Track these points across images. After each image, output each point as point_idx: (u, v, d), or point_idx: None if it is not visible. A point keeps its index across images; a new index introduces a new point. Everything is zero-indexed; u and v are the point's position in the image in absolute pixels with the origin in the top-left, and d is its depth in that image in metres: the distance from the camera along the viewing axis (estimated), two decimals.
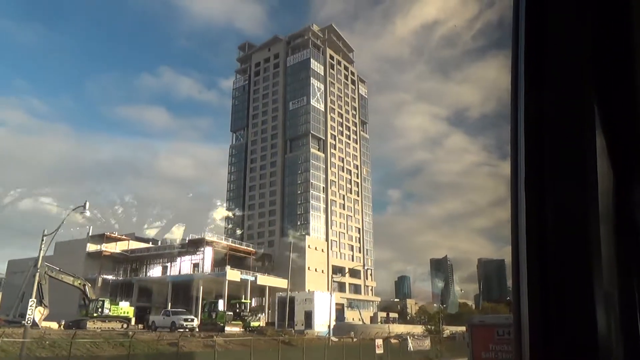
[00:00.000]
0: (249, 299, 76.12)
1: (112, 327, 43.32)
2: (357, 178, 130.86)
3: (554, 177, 1.25)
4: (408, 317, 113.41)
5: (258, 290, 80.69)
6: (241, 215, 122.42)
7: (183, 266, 78.44)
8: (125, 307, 47.16)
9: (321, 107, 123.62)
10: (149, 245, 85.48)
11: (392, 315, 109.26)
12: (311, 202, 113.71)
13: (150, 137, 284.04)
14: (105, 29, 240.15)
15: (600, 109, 1.31)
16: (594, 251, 1.19)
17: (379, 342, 40.19)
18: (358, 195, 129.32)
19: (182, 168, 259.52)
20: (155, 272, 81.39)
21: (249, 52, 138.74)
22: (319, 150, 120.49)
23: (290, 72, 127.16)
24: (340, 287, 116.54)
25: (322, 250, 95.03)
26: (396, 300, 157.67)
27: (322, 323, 60.71)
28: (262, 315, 52.69)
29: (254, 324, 44.82)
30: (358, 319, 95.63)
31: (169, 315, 41.68)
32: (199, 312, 56.67)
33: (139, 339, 28.05)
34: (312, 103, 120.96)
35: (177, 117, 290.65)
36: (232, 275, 73.00)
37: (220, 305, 45.56)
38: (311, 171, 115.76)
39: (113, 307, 46.00)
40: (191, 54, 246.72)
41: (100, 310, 44.41)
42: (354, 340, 48.39)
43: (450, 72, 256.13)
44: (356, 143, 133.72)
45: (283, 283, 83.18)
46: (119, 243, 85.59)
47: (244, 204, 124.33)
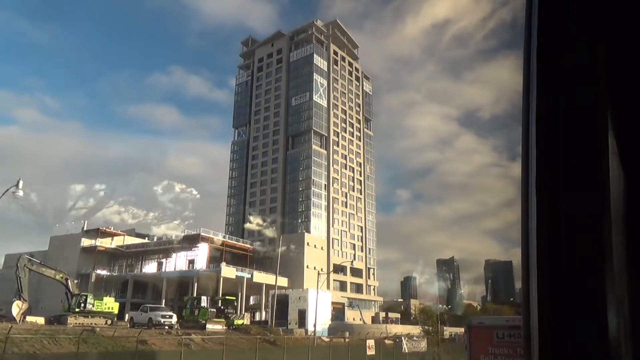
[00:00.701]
0: (243, 296, 74.79)
1: (95, 323, 41.80)
2: (360, 176, 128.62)
3: (565, 180, 1.22)
4: (412, 318, 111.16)
5: (257, 288, 78.97)
6: (242, 212, 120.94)
7: (179, 262, 76.98)
8: (110, 302, 45.62)
9: (324, 103, 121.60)
10: (145, 240, 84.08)
11: (395, 315, 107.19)
12: (312, 199, 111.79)
13: (161, 136, 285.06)
14: (118, 28, 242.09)
15: (613, 111, 1.28)
16: (605, 254, 1.17)
17: (371, 342, 38.19)
18: (361, 194, 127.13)
19: (191, 166, 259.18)
20: (151, 268, 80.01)
21: (252, 47, 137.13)
22: (321, 147, 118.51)
23: (293, 68, 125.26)
24: (341, 286, 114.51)
25: (322, 248, 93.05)
26: (400, 300, 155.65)
27: (316, 322, 58.88)
28: (247, 313, 50.80)
29: (238, 321, 43.07)
30: (359, 319, 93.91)
31: (147, 311, 40.09)
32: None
33: (106, 335, 26.41)
34: (314, 99, 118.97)
35: (187, 116, 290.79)
36: (227, 272, 71.39)
37: (203, 301, 43.86)
38: (313, 168, 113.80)
39: (97, 302, 44.49)
40: (202, 52, 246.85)
41: (82, 305, 42.92)
42: (346, 340, 46.46)
43: (462, 72, 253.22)
44: (360, 140, 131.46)
45: (280, 281, 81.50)
46: (116, 238, 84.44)
47: (245, 200, 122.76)
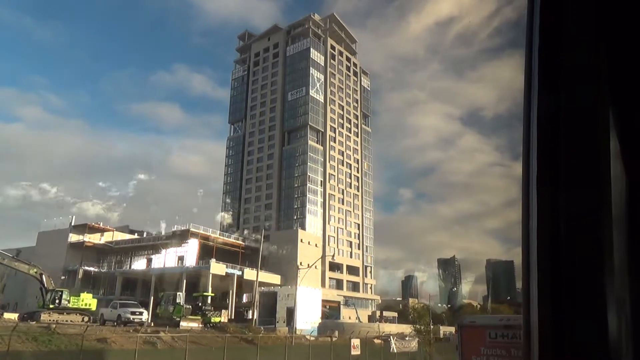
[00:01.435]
0: (233, 294, 73.08)
1: (70, 320, 40.13)
2: (358, 172, 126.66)
3: (566, 179, 1.21)
4: (410, 317, 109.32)
5: (250, 285, 77.15)
6: (237, 208, 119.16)
7: (169, 259, 75.22)
8: (88, 298, 43.91)
9: (320, 99, 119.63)
10: (135, 236, 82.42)
11: (392, 314, 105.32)
12: (308, 195, 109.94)
13: (164, 134, 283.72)
14: (122, 26, 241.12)
15: (614, 110, 1.27)
16: (606, 254, 1.16)
17: (356, 342, 36.43)
18: (358, 190, 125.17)
19: (194, 164, 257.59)
20: (141, 264, 78.30)
21: (248, 41, 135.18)
22: (317, 143, 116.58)
23: (289, 62, 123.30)
24: (337, 284, 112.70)
25: (316, 245, 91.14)
26: (398, 299, 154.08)
27: (305, 320, 57.27)
28: (225, 310, 48.97)
29: (215, 319, 41.30)
30: (355, 318, 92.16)
31: (116, 307, 38.37)
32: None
33: (65, 332, 24.69)
34: (311, 94, 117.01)
35: (190, 114, 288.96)
36: (217, 268, 69.61)
37: (178, 297, 42.11)
38: (309, 164, 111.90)
39: (73, 298, 42.80)
40: (205, 51, 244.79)
41: (57, 301, 41.23)
42: (333, 339, 44.64)
43: (465, 71, 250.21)
44: (357, 136, 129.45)
45: (273, 278, 79.78)
46: (106, 234, 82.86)
47: (240, 197, 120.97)
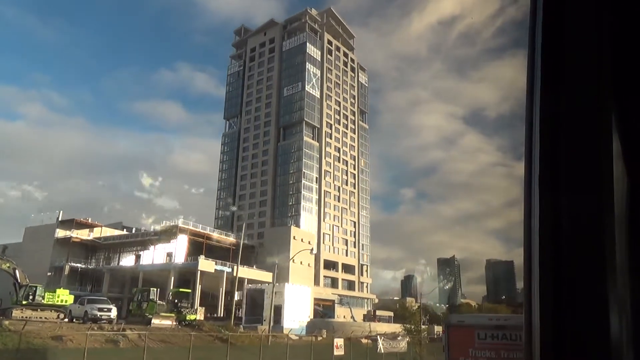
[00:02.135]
0: (223, 291, 71.44)
1: (45, 317, 38.46)
2: (354, 170, 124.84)
3: (568, 180, 1.20)
4: (407, 316, 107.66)
5: (241, 283, 75.37)
6: (232, 205, 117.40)
7: (157, 255, 73.59)
8: (64, 294, 42.21)
9: (317, 94, 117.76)
10: (123, 232, 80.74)
11: (388, 313, 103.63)
12: (303, 192, 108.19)
13: (166, 132, 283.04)
14: (124, 24, 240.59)
15: (617, 111, 1.26)
16: (607, 255, 1.16)
17: (339, 341, 34.68)
18: (355, 188, 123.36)
19: (196, 163, 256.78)
20: (129, 260, 76.71)
21: (244, 36, 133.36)
22: (313, 139, 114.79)
23: (285, 57, 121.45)
24: (332, 282, 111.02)
25: (309, 243, 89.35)
26: (395, 298, 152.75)
27: (293, 319, 55.61)
28: (201, 308, 47.23)
29: (191, 317, 39.59)
30: (350, 317, 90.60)
31: (84, 303, 36.73)
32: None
33: (16, 330, 23.00)
34: (307, 89, 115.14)
35: (192, 112, 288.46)
36: (205, 265, 67.95)
37: (152, 294, 40.40)
38: (304, 160, 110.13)
39: (48, 294, 41.13)
40: (208, 49, 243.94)
41: (31, 297, 39.58)
42: (318, 339, 42.98)
43: (468, 70, 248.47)
44: (354, 133, 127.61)
45: (264, 276, 78.05)
46: (95, 230, 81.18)
47: (234, 193, 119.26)
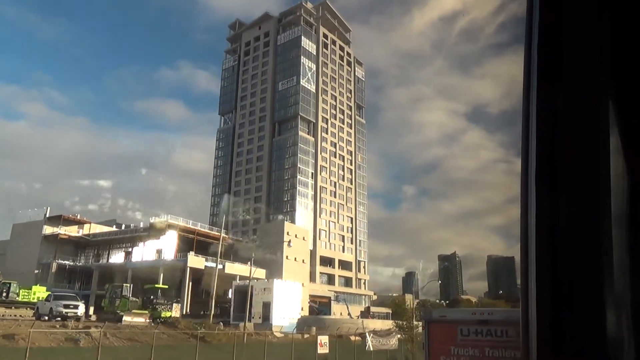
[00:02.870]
0: (214, 288, 69.75)
1: (20, 315, 36.98)
2: (351, 165, 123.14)
3: (565, 177, 1.20)
4: (401, 313, 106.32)
5: (232, 279, 73.85)
6: (227, 201, 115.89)
7: (147, 251, 72.00)
8: (40, 291, 40.74)
9: (312, 88, 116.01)
10: (113, 228, 79.27)
11: (386, 310, 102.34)
12: (298, 188, 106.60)
13: (167, 131, 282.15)
14: (125, 23, 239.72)
15: (614, 108, 1.26)
16: (605, 252, 1.15)
17: (323, 339, 33.12)
18: (351, 183, 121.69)
19: (198, 161, 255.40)
20: (119, 257, 75.18)
21: (239, 30, 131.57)
22: (308, 134, 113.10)
23: (280, 51, 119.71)
24: (329, 279, 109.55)
25: (304, 239, 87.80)
26: (394, 295, 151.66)
27: (283, 316, 54.06)
28: (176, 304, 45.62)
29: (166, 314, 38.04)
30: (346, 314, 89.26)
31: (50, 300, 35.30)
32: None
33: None
34: (302, 83, 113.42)
35: (194, 111, 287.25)
36: (195, 262, 66.36)
37: (125, 290, 38.87)
38: (299, 156, 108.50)
39: (23, 291, 39.76)
40: (209, 47, 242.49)
41: (4, 294, 38.14)
42: (305, 336, 41.42)
43: (470, 66, 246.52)
44: (350, 128, 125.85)
45: (258, 272, 76.47)
46: (86, 226, 79.74)
47: (229, 189, 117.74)
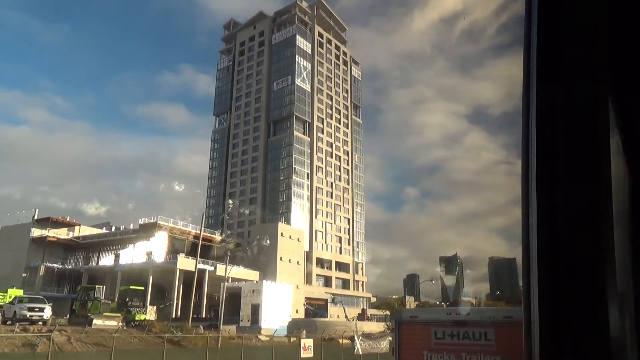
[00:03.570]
0: (205, 290, 68.46)
1: None
2: (348, 165, 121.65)
3: (566, 176, 1.19)
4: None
5: (224, 281, 72.31)
6: (222, 203, 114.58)
7: (137, 254, 70.58)
8: (16, 295, 39.24)
9: (307, 88, 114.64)
10: (102, 230, 77.89)
11: (385, 312, 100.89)
12: (294, 189, 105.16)
13: (169, 135, 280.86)
14: (127, 28, 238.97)
15: (614, 106, 1.25)
16: (607, 251, 1.14)
17: (307, 342, 31.61)
18: (348, 184, 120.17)
19: (200, 165, 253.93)
20: (109, 260, 73.76)
21: (233, 30, 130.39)
22: (303, 134, 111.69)
23: (275, 51, 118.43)
24: (326, 281, 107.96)
25: (299, 240, 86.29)
26: (394, 297, 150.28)
27: (272, 318, 52.61)
28: (151, 307, 44.18)
29: (140, 317, 36.55)
30: (344, 316, 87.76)
31: (14, 303, 33.84)
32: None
33: None
34: (297, 83, 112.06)
35: (196, 115, 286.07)
36: (186, 264, 64.81)
37: (98, 291, 37.43)
38: (295, 156, 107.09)
39: None
40: (211, 50, 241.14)
41: None
42: (291, 340, 39.86)
43: (471, 68, 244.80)
44: (347, 127, 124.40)
45: (250, 274, 75.07)
46: (76, 229, 78.46)
47: (224, 191, 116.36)
